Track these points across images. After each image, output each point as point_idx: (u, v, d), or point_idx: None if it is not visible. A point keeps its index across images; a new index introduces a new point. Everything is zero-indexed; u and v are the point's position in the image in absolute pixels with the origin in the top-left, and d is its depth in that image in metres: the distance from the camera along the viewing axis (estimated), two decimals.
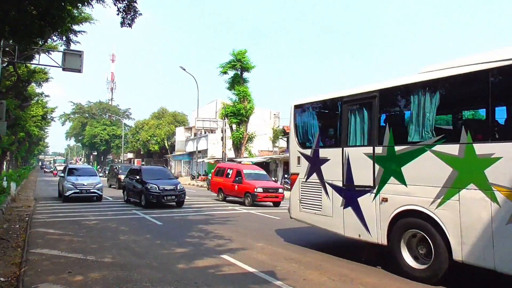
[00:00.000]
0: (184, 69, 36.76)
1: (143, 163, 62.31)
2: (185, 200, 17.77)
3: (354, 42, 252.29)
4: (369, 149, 7.36)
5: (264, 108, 47.47)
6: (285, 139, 44.21)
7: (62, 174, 19.78)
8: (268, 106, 72.77)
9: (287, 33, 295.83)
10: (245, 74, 36.12)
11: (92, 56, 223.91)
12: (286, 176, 33.96)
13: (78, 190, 18.31)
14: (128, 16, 9.71)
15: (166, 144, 60.66)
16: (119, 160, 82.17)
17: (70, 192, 18.16)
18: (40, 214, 14.06)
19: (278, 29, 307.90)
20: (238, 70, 35.66)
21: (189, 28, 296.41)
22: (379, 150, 7.18)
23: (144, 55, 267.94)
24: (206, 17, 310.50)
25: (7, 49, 15.71)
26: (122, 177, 27.76)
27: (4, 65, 19.27)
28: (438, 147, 6.19)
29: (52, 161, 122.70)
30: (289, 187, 9.85)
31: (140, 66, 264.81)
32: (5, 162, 43.35)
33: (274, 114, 48.58)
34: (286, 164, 36.75)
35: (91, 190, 18.64)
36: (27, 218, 12.81)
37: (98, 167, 75.23)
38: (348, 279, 6.54)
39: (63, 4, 8.46)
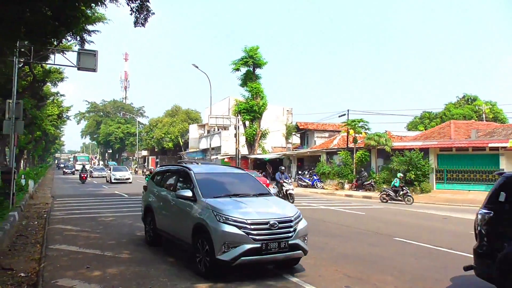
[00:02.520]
0: (197, 67, 36.85)
1: (158, 160, 62.76)
2: None
3: (370, 38, 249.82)
4: None
5: (277, 105, 47.37)
6: (298, 135, 44.10)
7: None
8: (281, 103, 72.73)
9: (300, 28, 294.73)
10: (258, 71, 36.07)
11: (106, 55, 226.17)
12: (300, 172, 33.82)
13: None
14: (141, 16, 9.71)
15: (180, 141, 61.09)
16: (134, 158, 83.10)
17: None
18: (57, 211, 14.30)
19: (291, 25, 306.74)
20: (250, 67, 35.59)
21: (201, 25, 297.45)
22: None
23: (157, 53, 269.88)
24: (218, 14, 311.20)
25: (22, 49, 15.95)
26: None
27: (20, 65, 19.60)
28: None
29: (71, 159, 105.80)
30: (303, 184, 9.61)
31: (153, 64, 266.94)
32: (22, 161, 44.21)
33: (287, 110, 48.41)
34: (299, 160, 36.61)
35: None
36: (45, 215, 13.05)
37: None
38: (365, 276, 6.49)
39: (77, 4, 8.52)
